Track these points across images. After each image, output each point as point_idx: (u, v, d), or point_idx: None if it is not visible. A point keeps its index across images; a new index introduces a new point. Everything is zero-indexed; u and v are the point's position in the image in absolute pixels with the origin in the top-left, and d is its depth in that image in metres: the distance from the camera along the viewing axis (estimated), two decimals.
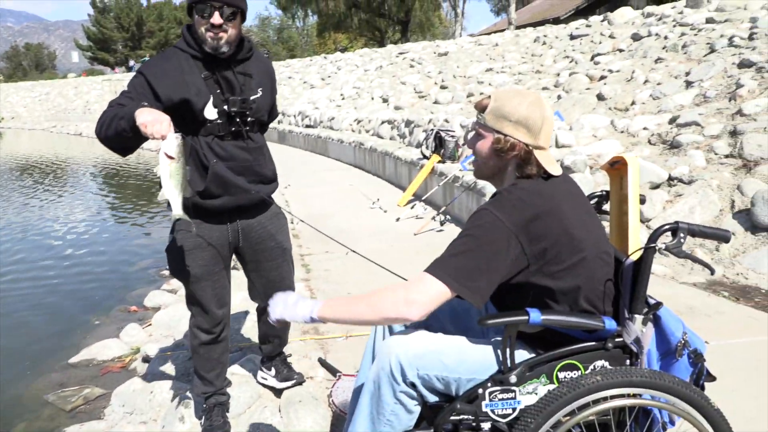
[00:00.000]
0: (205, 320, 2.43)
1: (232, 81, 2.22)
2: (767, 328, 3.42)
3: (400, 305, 1.53)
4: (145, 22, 61.21)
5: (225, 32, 2.11)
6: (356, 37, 43.12)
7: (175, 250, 2.31)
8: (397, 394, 1.61)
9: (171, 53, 2.20)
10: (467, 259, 1.53)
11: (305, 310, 1.64)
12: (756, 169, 5.02)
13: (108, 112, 2.03)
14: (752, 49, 7.11)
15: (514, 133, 1.64)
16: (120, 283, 5.77)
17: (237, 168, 2.26)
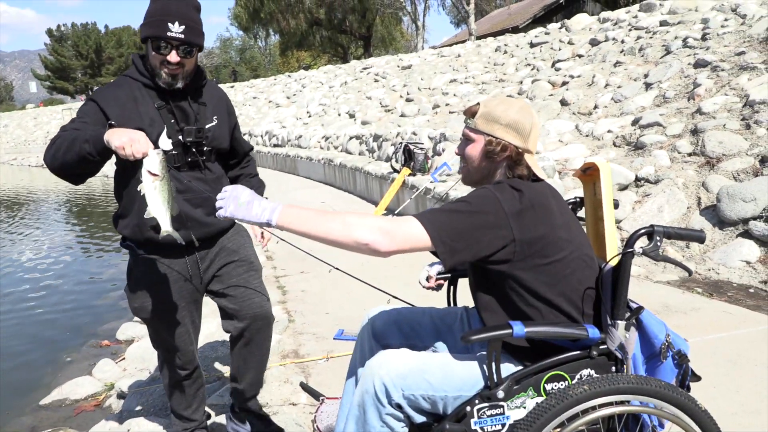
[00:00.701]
0: (176, 357, 2.32)
1: (186, 110, 2.13)
2: (742, 322, 3.48)
3: (375, 231, 1.48)
4: (104, 49, 60.45)
5: (181, 68, 2.04)
6: (319, 54, 43.25)
7: (135, 288, 2.20)
8: (383, 416, 1.57)
9: (122, 81, 2.11)
10: (456, 219, 1.54)
11: (262, 211, 1.52)
12: (719, 165, 5.14)
13: (63, 136, 1.89)
14: (706, 49, 7.32)
15: (504, 136, 1.68)
16: (90, 318, 5.61)
17: (195, 200, 2.15)
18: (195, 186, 2.09)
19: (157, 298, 2.19)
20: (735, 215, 4.53)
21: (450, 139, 8.57)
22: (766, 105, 5.44)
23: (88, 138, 1.80)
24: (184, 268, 2.22)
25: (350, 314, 4.14)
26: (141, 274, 2.19)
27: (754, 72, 6.15)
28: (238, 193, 1.54)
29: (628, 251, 1.55)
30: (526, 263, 1.57)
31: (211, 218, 2.17)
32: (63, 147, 1.85)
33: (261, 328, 2.37)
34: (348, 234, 1.49)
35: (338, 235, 1.50)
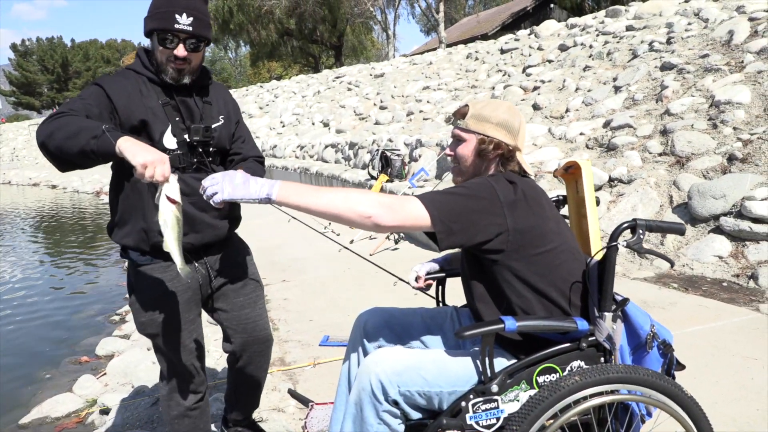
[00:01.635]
0: (188, 379, 2.12)
1: (192, 108, 2.01)
2: (718, 314, 3.58)
3: (377, 205, 1.50)
4: (71, 63, 59.49)
5: (188, 63, 1.93)
6: (290, 64, 43.16)
7: (142, 301, 2.03)
8: (381, 413, 1.59)
9: (127, 74, 1.97)
10: (454, 201, 1.58)
11: (260, 187, 1.51)
12: (688, 164, 5.29)
13: (69, 119, 1.70)
14: (671, 53, 7.52)
15: (496, 134, 1.75)
16: (67, 334, 5.49)
17: (201, 203, 1.95)
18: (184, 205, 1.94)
19: (168, 310, 2.03)
20: (706, 212, 4.66)
21: (426, 145, 8.64)
22: (731, 105, 5.62)
23: (97, 135, 1.63)
24: (194, 275, 2.09)
25: (334, 321, 4.14)
26: (147, 285, 2.02)
27: (718, 73, 6.35)
28: (231, 175, 1.53)
29: (613, 244, 1.60)
30: (518, 253, 1.62)
31: (218, 221, 2.09)
32: (65, 130, 1.67)
33: (263, 351, 2.32)
34: (350, 207, 1.50)
35: (340, 208, 1.50)
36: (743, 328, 3.35)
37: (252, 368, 2.33)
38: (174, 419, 2.16)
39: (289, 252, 6.53)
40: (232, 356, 2.30)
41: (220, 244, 2.17)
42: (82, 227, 12.63)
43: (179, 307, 2.05)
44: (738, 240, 4.41)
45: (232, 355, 2.29)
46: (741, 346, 3.12)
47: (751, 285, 3.99)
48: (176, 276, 2.02)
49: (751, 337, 3.23)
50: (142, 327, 2.07)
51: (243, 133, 2.23)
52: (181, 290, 2.05)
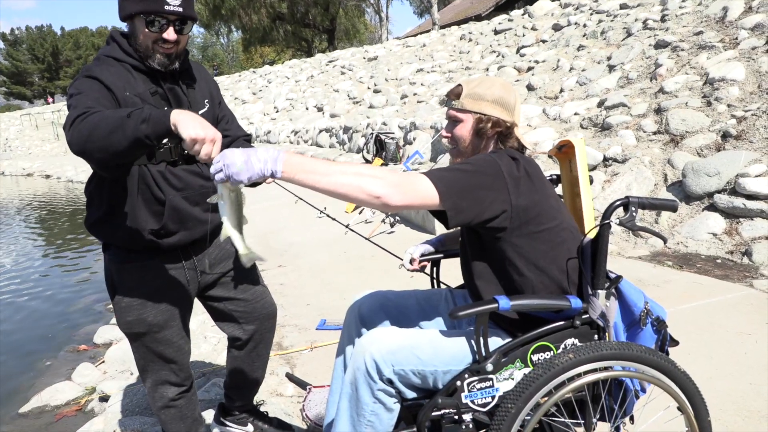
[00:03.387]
0: (173, 372, 2.07)
1: (180, 96, 1.91)
2: (712, 291, 3.60)
3: (387, 185, 1.46)
4: (62, 52, 58.94)
5: (177, 46, 1.82)
6: (283, 49, 42.84)
7: (127, 300, 1.94)
8: (375, 392, 1.59)
9: (108, 61, 1.83)
10: (462, 178, 1.57)
11: (264, 164, 1.42)
12: (683, 142, 5.28)
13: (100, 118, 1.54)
14: (665, 30, 7.48)
15: (493, 112, 1.74)
16: (65, 323, 5.50)
17: (193, 197, 1.94)
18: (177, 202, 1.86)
19: (156, 309, 1.96)
20: (700, 190, 4.67)
21: (420, 128, 8.62)
22: (725, 82, 5.61)
23: (146, 117, 1.49)
24: (181, 273, 2.01)
25: (331, 305, 4.16)
26: (134, 284, 1.93)
27: (712, 51, 6.32)
28: (230, 157, 1.42)
29: (606, 222, 1.60)
30: (521, 230, 1.62)
31: (208, 215, 2.00)
32: (104, 128, 1.51)
33: (271, 327, 2.29)
34: (359, 186, 1.45)
35: (349, 187, 1.45)
36: (737, 304, 3.37)
37: (262, 347, 2.31)
38: (160, 410, 2.12)
39: (286, 236, 6.53)
40: (240, 341, 2.25)
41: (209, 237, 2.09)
42: (78, 216, 12.59)
43: (166, 305, 1.98)
44: (732, 217, 4.42)
45: (239, 339, 2.24)
46: (735, 321, 3.14)
47: (745, 261, 4.01)
48: (164, 274, 1.95)
49: (744, 312, 3.25)
50: (128, 326, 1.98)
51: (226, 113, 2.14)
52: (168, 288, 1.98)
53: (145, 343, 2.00)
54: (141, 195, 1.85)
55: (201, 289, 2.11)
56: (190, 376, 2.15)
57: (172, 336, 2.01)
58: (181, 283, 2.01)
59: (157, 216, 1.88)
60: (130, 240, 1.88)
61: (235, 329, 2.22)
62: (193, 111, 1.86)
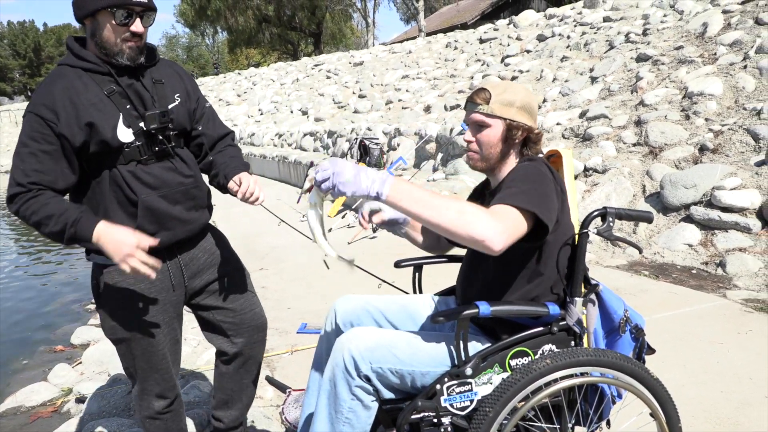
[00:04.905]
0: (158, 383, 1.97)
1: (141, 93, 1.83)
2: (687, 301, 3.67)
3: (491, 229, 1.45)
4: (44, 48, 58.19)
5: (142, 39, 1.79)
6: (269, 51, 42.74)
7: (109, 304, 1.89)
8: (353, 389, 1.61)
9: (56, 74, 1.79)
10: (534, 191, 1.58)
11: (371, 183, 1.45)
12: (661, 154, 5.39)
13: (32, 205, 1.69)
14: (647, 44, 7.62)
15: (520, 118, 1.74)
16: (41, 323, 5.43)
17: (172, 195, 1.87)
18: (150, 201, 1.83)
19: (138, 314, 1.89)
20: (677, 201, 4.76)
21: (404, 134, 8.66)
22: (703, 96, 5.73)
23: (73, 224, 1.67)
24: (166, 276, 1.92)
25: (312, 308, 4.16)
26: (116, 288, 1.87)
27: (692, 65, 6.46)
28: (341, 167, 1.45)
29: (584, 231, 1.64)
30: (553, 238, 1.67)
31: (192, 214, 1.94)
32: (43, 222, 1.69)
33: (261, 340, 2.20)
34: (463, 227, 1.45)
35: (452, 225, 1.46)
36: (711, 314, 3.45)
37: (251, 363, 2.20)
38: (145, 419, 2.04)
39: (268, 240, 6.52)
40: (228, 355, 2.15)
41: (195, 238, 2.02)
42: None
43: (151, 309, 1.90)
44: (707, 228, 4.52)
45: (228, 353, 2.14)
46: (708, 331, 3.21)
47: (719, 272, 4.10)
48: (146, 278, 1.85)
49: (717, 322, 3.32)
50: (111, 331, 1.91)
51: (206, 111, 2.06)
52: (153, 292, 1.90)
53: (131, 350, 1.92)
54: (114, 197, 1.81)
55: (189, 296, 2.03)
56: (174, 389, 2.03)
57: (157, 343, 1.92)
58: (166, 286, 1.93)
59: (132, 218, 1.82)
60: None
61: (222, 342, 2.14)
62: (160, 106, 1.85)
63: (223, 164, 2.02)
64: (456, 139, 7.24)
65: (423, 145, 7.94)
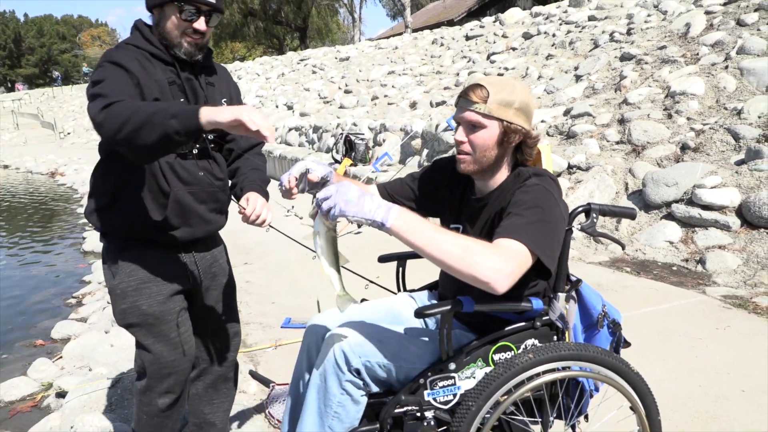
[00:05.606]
0: (165, 376, 1.92)
1: (197, 90, 1.87)
2: (667, 297, 3.72)
3: (496, 271, 1.42)
4: (24, 39, 57.24)
5: (203, 37, 1.82)
6: (254, 45, 42.45)
7: (124, 287, 1.86)
8: (343, 383, 1.61)
9: (123, 48, 1.79)
10: (546, 230, 1.54)
11: (376, 209, 1.41)
12: (644, 152, 5.45)
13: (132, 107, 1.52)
14: (631, 43, 7.69)
15: (517, 120, 1.64)
16: (21, 317, 5.35)
17: (200, 195, 1.89)
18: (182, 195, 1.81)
19: (151, 298, 1.87)
20: (659, 199, 4.82)
21: (390, 130, 8.66)
22: (685, 96, 5.80)
23: (174, 112, 1.48)
24: (180, 265, 1.93)
25: (296, 304, 4.16)
26: (130, 268, 1.86)
27: (674, 65, 6.53)
28: (345, 189, 1.42)
29: (568, 228, 1.66)
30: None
31: (213, 216, 1.97)
32: (136, 120, 1.49)
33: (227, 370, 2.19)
34: (468, 267, 1.42)
35: (457, 263, 1.42)
36: (690, 310, 3.50)
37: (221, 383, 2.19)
38: (143, 414, 1.97)
39: (253, 235, 6.46)
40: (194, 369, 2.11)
41: (210, 241, 2.06)
42: (37, 209, 12.26)
43: (163, 296, 1.89)
44: (688, 226, 4.58)
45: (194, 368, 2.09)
46: (687, 327, 3.26)
47: (699, 269, 4.16)
48: (161, 262, 1.89)
49: (697, 318, 3.38)
50: (122, 315, 1.89)
51: None
52: (166, 278, 1.89)
53: (139, 338, 1.90)
54: (147, 185, 1.80)
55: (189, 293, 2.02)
56: (183, 383, 1.97)
57: (167, 330, 1.90)
58: (180, 275, 1.93)
59: (161, 208, 1.83)
60: (129, 229, 1.84)
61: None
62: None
63: (243, 176, 2.03)
64: (441, 136, 7.25)
65: (408, 141, 7.95)
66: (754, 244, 4.16)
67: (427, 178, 1.94)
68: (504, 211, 1.61)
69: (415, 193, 1.94)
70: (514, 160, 1.74)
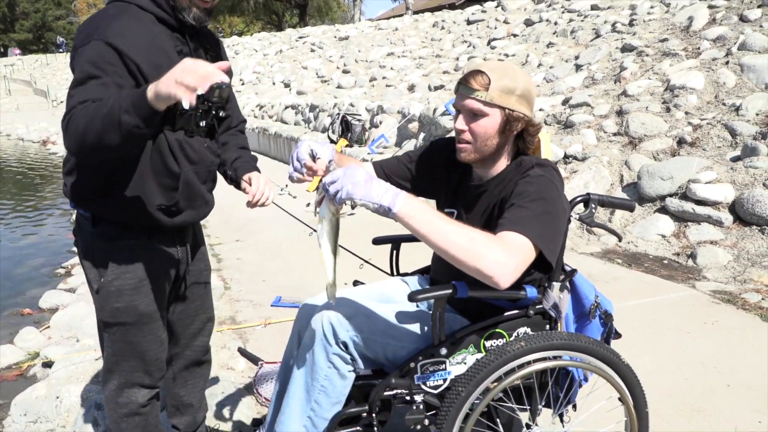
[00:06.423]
0: (148, 373, 1.79)
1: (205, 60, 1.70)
2: (657, 290, 3.74)
3: (501, 266, 1.40)
4: (18, 3, 56.22)
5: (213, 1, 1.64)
6: (252, 21, 41.97)
7: (116, 285, 1.68)
8: (330, 356, 1.61)
9: (123, 9, 1.57)
10: (549, 223, 1.52)
11: (384, 192, 1.38)
12: (640, 145, 5.44)
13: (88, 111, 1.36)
14: (633, 35, 7.65)
15: (519, 108, 1.61)
16: (9, 286, 5.32)
17: (202, 174, 1.75)
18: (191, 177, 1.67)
19: (148, 297, 1.73)
20: (653, 192, 4.83)
21: (387, 112, 8.61)
22: (685, 90, 5.78)
23: (125, 106, 1.31)
24: (174, 258, 1.80)
25: (287, 282, 4.14)
26: (128, 265, 1.69)
27: (675, 58, 6.50)
28: (353, 171, 1.40)
29: (567, 217, 1.64)
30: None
31: (210, 196, 1.84)
32: (94, 127, 1.34)
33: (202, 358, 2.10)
34: (472, 258, 1.39)
35: (461, 253, 1.39)
36: (680, 303, 3.52)
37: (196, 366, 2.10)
38: (122, 418, 1.81)
39: (245, 212, 6.41)
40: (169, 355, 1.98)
41: (199, 236, 1.96)
42: (27, 176, 12.15)
43: (159, 292, 1.77)
44: (681, 220, 4.59)
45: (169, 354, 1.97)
46: (677, 320, 3.28)
47: (690, 263, 4.18)
48: (158, 256, 1.75)
49: (686, 312, 3.39)
50: (114, 314, 1.71)
51: (232, 92, 1.87)
52: (162, 273, 1.76)
53: (128, 337, 1.74)
54: (151, 165, 1.61)
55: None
56: (164, 377, 1.89)
57: (157, 328, 1.78)
58: (173, 268, 1.82)
59: (167, 190, 1.66)
60: (128, 215, 1.65)
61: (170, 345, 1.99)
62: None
63: (234, 155, 1.93)
64: (439, 120, 7.21)
65: (405, 124, 7.90)
66: (746, 241, 4.18)
67: (425, 159, 1.92)
68: (505, 201, 1.59)
69: (411, 173, 1.92)
70: (515, 149, 1.72)
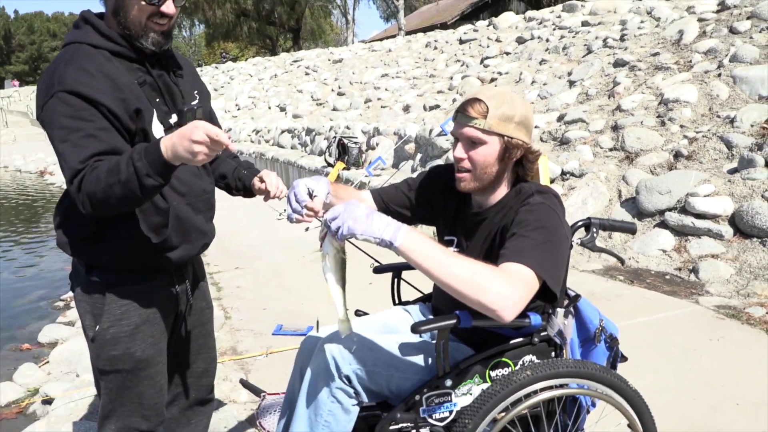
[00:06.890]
0: (145, 419, 1.72)
1: (170, 86, 1.65)
2: (660, 307, 3.72)
3: (504, 299, 1.38)
4: (14, 35, 56.76)
5: (170, 21, 1.57)
6: (247, 45, 42.33)
7: (112, 332, 1.62)
8: (333, 391, 1.59)
9: (77, 52, 1.51)
10: (551, 252, 1.50)
11: (385, 227, 1.38)
12: (637, 160, 5.45)
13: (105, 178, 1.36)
14: (624, 49, 7.71)
15: (518, 135, 1.60)
16: (7, 320, 5.27)
17: (196, 204, 1.69)
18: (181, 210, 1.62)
19: (145, 342, 1.66)
20: (652, 207, 4.82)
21: (383, 134, 8.64)
22: (678, 103, 5.81)
23: (144, 170, 1.33)
24: (173, 299, 1.75)
25: (288, 309, 4.11)
26: (123, 311, 1.63)
27: (667, 72, 6.54)
28: (353, 207, 1.39)
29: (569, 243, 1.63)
30: None
31: (209, 225, 1.78)
32: (114, 194, 1.36)
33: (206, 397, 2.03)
34: (475, 292, 1.38)
35: (464, 287, 1.38)
36: (683, 320, 3.49)
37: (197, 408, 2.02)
38: None
39: (244, 238, 6.43)
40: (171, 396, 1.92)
41: (199, 270, 1.90)
42: (25, 208, 12.13)
43: (157, 337, 1.70)
44: (681, 235, 4.58)
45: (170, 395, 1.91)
46: (681, 337, 3.25)
47: (692, 278, 4.16)
48: (155, 299, 1.68)
49: (690, 328, 3.37)
50: (111, 362, 1.65)
51: (212, 111, 1.85)
52: (160, 317, 1.70)
53: (125, 383, 1.67)
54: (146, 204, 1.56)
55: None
56: (163, 421, 1.81)
57: (156, 374, 1.71)
58: (171, 311, 1.76)
59: (157, 228, 1.60)
60: (121, 261, 1.60)
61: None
62: (186, 102, 1.66)
63: (232, 166, 1.89)
64: (435, 140, 7.23)
65: (402, 146, 7.93)
66: (747, 254, 4.17)
67: (423, 187, 1.91)
68: (506, 229, 1.58)
69: (411, 201, 1.91)
70: (514, 175, 1.71)
